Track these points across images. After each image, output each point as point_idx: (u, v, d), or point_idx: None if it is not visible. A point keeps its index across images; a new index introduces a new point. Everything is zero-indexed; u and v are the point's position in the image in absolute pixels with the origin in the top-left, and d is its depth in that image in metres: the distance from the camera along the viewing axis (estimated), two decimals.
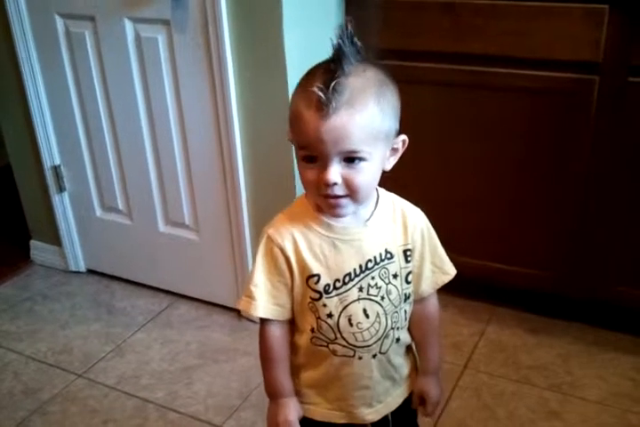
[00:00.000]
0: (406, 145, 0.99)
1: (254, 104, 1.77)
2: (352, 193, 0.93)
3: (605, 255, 1.81)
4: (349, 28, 0.89)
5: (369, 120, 0.89)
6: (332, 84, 0.86)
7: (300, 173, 0.96)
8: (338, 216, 0.98)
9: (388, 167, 0.98)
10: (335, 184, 0.91)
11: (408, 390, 1.15)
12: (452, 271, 1.11)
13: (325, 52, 0.92)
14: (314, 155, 0.91)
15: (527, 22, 1.64)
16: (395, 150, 0.98)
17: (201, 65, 1.78)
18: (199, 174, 1.97)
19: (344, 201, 0.94)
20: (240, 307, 1.03)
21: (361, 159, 0.91)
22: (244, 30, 1.69)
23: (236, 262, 2.03)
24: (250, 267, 1.96)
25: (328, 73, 0.88)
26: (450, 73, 1.77)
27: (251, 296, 1.01)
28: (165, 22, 1.79)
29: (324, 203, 0.96)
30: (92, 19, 1.91)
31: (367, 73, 0.91)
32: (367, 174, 0.93)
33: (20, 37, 2.04)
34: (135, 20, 1.85)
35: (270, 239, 1.00)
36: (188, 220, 2.08)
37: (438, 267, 1.10)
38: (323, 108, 0.87)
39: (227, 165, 1.88)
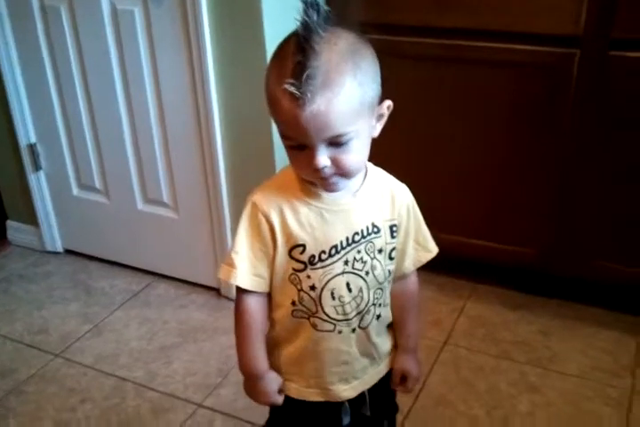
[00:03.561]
0: (391, 109, 0.96)
1: (232, 77, 1.75)
2: (343, 172, 0.91)
3: (585, 231, 1.81)
4: None
5: (348, 100, 0.85)
6: (305, 76, 0.82)
7: (288, 157, 0.94)
8: (333, 192, 0.97)
9: (376, 134, 0.96)
10: (325, 167, 0.89)
11: (386, 368, 1.15)
12: (434, 249, 1.11)
13: None
14: (299, 144, 0.89)
15: None
16: (381, 116, 0.95)
17: (178, 37, 1.75)
18: (177, 150, 1.94)
19: (336, 178, 0.92)
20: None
21: (348, 139, 0.88)
22: (222, 1, 1.66)
23: (215, 241, 2.01)
24: (229, 246, 1.96)
25: (298, 55, 0.83)
26: (431, 47, 1.76)
27: (231, 264, 0.99)
28: None
29: (319, 182, 0.94)
30: None
31: (339, 45, 0.86)
32: (356, 152, 0.91)
33: None
34: None
35: (255, 206, 0.97)
36: (166, 198, 2.05)
37: (421, 245, 1.10)
38: (298, 98, 0.84)
39: (205, 140, 1.85)
